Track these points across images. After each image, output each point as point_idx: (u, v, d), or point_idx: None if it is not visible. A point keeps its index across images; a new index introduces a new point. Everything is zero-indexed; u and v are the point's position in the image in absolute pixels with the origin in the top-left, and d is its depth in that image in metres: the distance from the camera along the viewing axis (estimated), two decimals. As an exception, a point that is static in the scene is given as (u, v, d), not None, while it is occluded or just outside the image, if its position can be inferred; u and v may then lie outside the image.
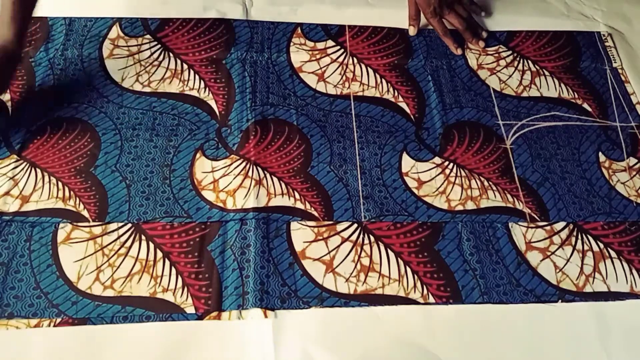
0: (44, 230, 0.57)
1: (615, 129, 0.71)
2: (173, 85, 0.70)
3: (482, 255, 0.59)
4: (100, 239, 0.57)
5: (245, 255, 0.57)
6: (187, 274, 0.55)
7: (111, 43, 0.73)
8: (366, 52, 0.76)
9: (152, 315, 0.53)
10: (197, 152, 0.64)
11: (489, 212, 0.62)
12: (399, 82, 0.73)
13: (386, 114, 0.70)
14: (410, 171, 0.65)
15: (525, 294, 0.57)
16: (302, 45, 0.76)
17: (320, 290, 0.56)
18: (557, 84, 0.75)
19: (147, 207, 0.59)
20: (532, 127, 0.70)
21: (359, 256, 0.58)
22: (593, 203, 0.64)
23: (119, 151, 0.63)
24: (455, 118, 0.70)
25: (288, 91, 0.71)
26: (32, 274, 0.54)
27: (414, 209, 0.62)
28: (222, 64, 0.72)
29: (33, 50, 0.71)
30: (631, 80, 0.76)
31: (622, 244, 0.61)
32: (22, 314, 0.52)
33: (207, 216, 0.59)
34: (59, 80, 0.69)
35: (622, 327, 0.56)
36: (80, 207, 0.59)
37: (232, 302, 0.54)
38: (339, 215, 0.61)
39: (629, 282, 0.58)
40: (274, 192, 0.62)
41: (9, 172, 0.60)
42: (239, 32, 0.76)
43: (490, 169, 0.66)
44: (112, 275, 0.55)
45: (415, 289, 0.56)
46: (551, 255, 0.60)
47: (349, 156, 0.65)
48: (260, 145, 0.65)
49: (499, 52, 0.78)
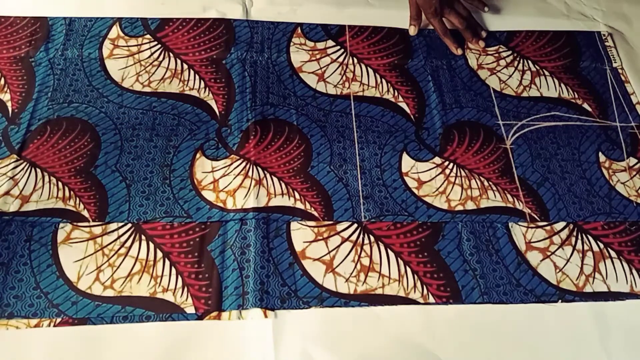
0: (44, 230, 0.57)
1: (615, 129, 0.71)
2: (173, 85, 0.70)
3: (482, 255, 0.59)
4: (100, 239, 0.57)
5: (245, 255, 0.57)
6: (187, 274, 0.55)
7: (111, 43, 0.73)
8: (366, 52, 0.76)
9: (152, 315, 0.53)
10: (197, 152, 0.64)
11: (489, 212, 0.62)
12: (399, 82, 0.73)
13: (386, 114, 0.70)
14: (410, 171, 0.65)
15: (525, 294, 0.57)
16: (302, 45, 0.76)
17: (320, 290, 0.56)
18: (557, 84, 0.75)
19: (147, 207, 0.59)
20: (532, 127, 0.70)
21: (359, 256, 0.58)
22: (593, 203, 0.64)
23: (119, 151, 0.63)
24: (455, 118, 0.70)
25: (288, 91, 0.71)
26: (32, 274, 0.54)
27: (414, 209, 0.62)
28: (222, 64, 0.72)
29: (33, 50, 0.71)
30: (631, 80, 0.76)
31: (622, 244, 0.61)
32: (22, 314, 0.52)
33: (207, 216, 0.59)
34: (59, 80, 0.69)
35: (622, 327, 0.56)
36: (80, 207, 0.59)
37: (232, 302, 0.54)
38: (339, 215, 0.61)
39: (629, 282, 0.58)
40: (274, 192, 0.62)
41: (9, 172, 0.60)
42: (239, 32, 0.76)
43: (490, 169, 0.66)
44: (112, 275, 0.55)
45: (415, 289, 0.56)
46: (551, 255, 0.60)
47: (349, 156, 0.65)
48: (260, 145, 0.65)
49: (499, 52, 0.78)
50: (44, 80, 0.68)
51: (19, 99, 0.66)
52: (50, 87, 0.68)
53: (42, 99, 0.66)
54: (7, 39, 0.72)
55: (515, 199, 0.64)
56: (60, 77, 0.69)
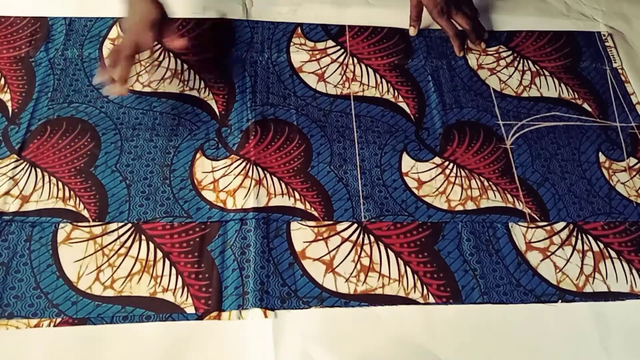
0: (44, 230, 0.57)
1: (616, 129, 0.71)
2: (173, 85, 0.70)
3: (482, 255, 0.59)
4: (100, 239, 0.57)
5: (245, 255, 0.57)
6: (187, 274, 0.55)
7: (111, 43, 0.73)
8: (366, 52, 0.76)
9: (152, 315, 0.53)
10: (197, 152, 0.64)
11: (489, 212, 0.62)
12: (399, 82, 0.73)
13: (386, 114, 0.70)
14: (410, 171, 0.65)
15: (525, 294, 0.57)
16: (302, 46, 0.76)
17: (320, 290, 0.56)
18: (557, 84, 0.75)
19: (147, 207, 0.59)
20: (532, 127, 0.70)
21: (359, 256, 0.58)
22: (593, 203, 0.64)
23: (119, 151, 0.63)
24: (455, 118, 0.70)
25: (288, 91, 0.71)
26: (32, 274, 0.54)
27: (414, 209, 0.62)
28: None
29: (33, 50, 0.71)
30: (631, 80, 0.76)
31: (622, 244, 0.61)
32: (22, 314, 0.52)
33: (207, 216, 0.59)
34: (59, 80, 0.69)
35: (622, 327, 0.56)
36: (80, 207, 0.59)
37: (232, 302, 0.54)
38: (339, 215, 0.61)
39: (629, 282, 0.58)
40: (274, 192, 0.62)
41: (9, 172, 0.60)
42: (239, 32, 0.76)
43: (490, 169, 0.66)
44: (112, 275, 0.55)
45: (415, 289, 0.56)
46: (551, 256, 0.60)
47: (349, 156, 0.65)
48: (261, 145, 0.65)
49: (499, 52, 0.78)
50: (44, 80, 0.68)
51: (19, 99, 0.66)
52: (50, 87, 0.68)
53: (42, 99, 0.66)
54: (7, 39, 0.72)
55: (515, 199, 0.64)
56: (61, 77, 0.69)
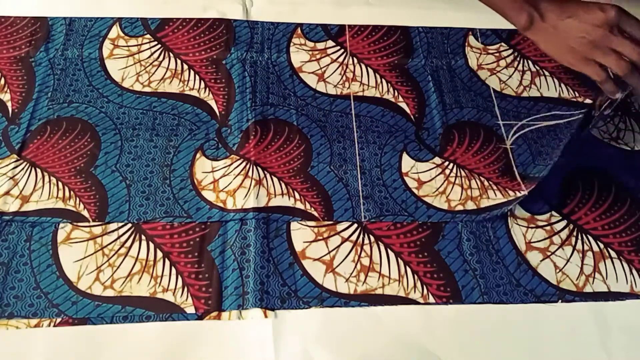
0: (44, 230, 0.57)
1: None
2: (173, 85, 0.70)
3: (482, 255, 0.59)
4: (100, 239, 0.57)
5: (245, 255, 0.57)
6: (187, 274, 0.55)
7: (111, 43, 0.73)
8: (366, 52, 0.76)
9: (152, 315, 0.53)
10: (197, 152, 0.64)
11: (489, 211, 0.62)
12: (399, 82, 0.73)
13: (386, 114, 0.70)
14: (410, 171, 0.65)
15: (525, 294, 0.57)
16: (302, 46, 0.76)
17: (320, 290, 0.56)
18: (557, 84, 0.75)
19: (147, 207, 0.59)
20: (532, 127, 0.70)
21: (359, 256, 0.58)
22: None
23: (119, 151, 0.63)
24: (455, 118, 0.70)
25: (288, 91, 0.71)
26: (32, 274, 0.54)
27: (414, 209, 0.62)
28: (222, 64, 0.72)
29: (33, 50, 0.71)
30: (631, 80, 0.76)
31: (622, 244, 0.61)
32: (22, 314, 0.52)
33: (207, 216, 0.59)
34: (59, 80, 0.69)
35: (622, 327, 0.55)
36: (80, 207, 0.59)
37: (232, 302, 0.54)
38: (339, 215, 0.61)
39: (629, 282, 0.58)
40: (274, 192, 0.62)
41: (9, 172, 0.60)
42: (239, 32, 0.76)
43: (491, 169, 0.66)
44: (112, 275, 0.55)
45: (415, 289, 0.56)
46: (551, 255, 0.60)
47: (349, 156, 0.65)
48: (260, 145, 0.65)
49: (500, 50, 0.78)
50: (44, 80, 0.68)
51: (19, 99, 0.66)
52: (50, 87, 0.68)
53: (42, 99, 0.67)
54: (7, 39, 0.72)
55: (516, 192, 0.63)
56: (61, 77, 0.69)
